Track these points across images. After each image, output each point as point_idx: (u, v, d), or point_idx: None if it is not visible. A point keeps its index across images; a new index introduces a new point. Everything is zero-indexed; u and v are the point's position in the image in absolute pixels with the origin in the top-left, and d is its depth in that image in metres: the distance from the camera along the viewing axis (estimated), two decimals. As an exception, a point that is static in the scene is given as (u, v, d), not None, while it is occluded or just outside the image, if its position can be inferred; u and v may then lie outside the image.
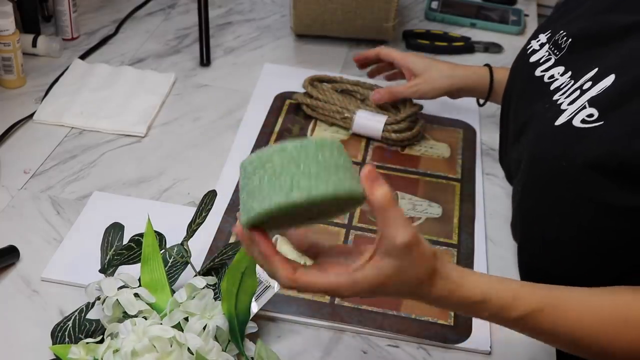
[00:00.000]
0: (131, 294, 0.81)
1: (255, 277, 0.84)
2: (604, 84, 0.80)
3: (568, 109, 0.82)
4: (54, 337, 0.83)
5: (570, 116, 0.81)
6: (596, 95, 0.80)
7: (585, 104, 0.81)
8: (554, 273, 0.86)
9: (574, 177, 0.78)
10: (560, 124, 0.82)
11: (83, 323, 0.84)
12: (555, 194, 0.82)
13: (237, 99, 1.31)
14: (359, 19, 1.41)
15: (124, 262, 0.87)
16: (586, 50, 0.88)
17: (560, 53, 0.91)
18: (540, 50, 0.95)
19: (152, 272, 0.85)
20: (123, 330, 0.78)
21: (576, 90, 0.84)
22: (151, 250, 0.85)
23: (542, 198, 0.85)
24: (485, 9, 1.63)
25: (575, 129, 0.79)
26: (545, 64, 0.93)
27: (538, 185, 0.85)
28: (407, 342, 0.91)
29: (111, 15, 1.51)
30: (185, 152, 1.18)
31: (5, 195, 1.06)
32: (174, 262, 0.89)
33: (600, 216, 0.78)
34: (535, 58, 0.95)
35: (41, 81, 1.30)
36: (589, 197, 0.78)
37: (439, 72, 1.19)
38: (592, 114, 0.79)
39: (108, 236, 0.93)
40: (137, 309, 0.81)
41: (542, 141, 0.84)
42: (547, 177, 0.82)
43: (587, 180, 0.77)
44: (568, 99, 0.84)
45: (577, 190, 0.79)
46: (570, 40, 0.91)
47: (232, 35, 1.48)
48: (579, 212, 0.80)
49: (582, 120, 0.79)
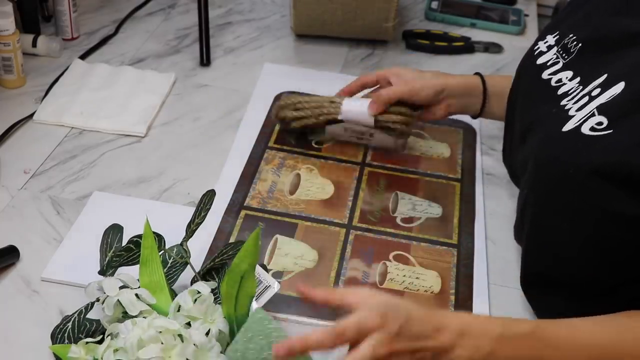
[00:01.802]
0: (132, 294, 0.81)
1: (254, 279, 0.84)
2: (614, 92, 0.79)
3: (576, 115, 0.81)
4: (53, 339, 0.83)
5: (579, 123, 0.80)
6: (605, 103, 0.79)
7: (594, 110, 0.80)
8: (557, 278, 0.86)
9: (581, 184, 0.77)
10: (568, 130, 0.81)
11: (83, 323, 0.84)
12: (561, 200, 0.81)
13: (237, 99, 1.31)
14: (359, 19, 1.41)
15: (122, 263, 0.87)
16: (595, 55, 0.87)
17: (570, 57, 0.90)
18: (548, 52, 0.94)
19: (151, 274, 0.84)
20: (124, 330, 0.78)
21: (585, 96, 0.83)
22: (150, 252, 0.85)
23: (548, 203, 0.84)
24: (485, 9, 1.63)
25: (584, 137, 0.78)
26: (553, 67, 0.92)
27: (544, 191, 0.84)
28: (407, 342, 0.91)
29: (111, 15, 1.51)
30: (185, 152, 1.18)
31: (5, 195, 1.06)
32: (174, 262, 0.89)
33: (607, 223, 0.77)
34: (542, 60, 0.94)
35: (41, 81, 1.30)
36: (596, 205, 0.77)
37: (431, 73, 1.16)
38: (602, 121, 0.78)
39: (107, 238, 0.93)
40: (139, 310, 0.81)
41: (549, 146, 0.83)
42: (553, 183, 0.82)
43: (594, 188, 0.76)
44: (576, 105, 0.83)
45: (584, 197, 0.78)
46: (580, 45, 0.90)
47: (232, 35, 1.48)
48: (586, 219, 0.79)
49: (591, 127, 0.78)
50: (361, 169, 1.16)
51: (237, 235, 1.02)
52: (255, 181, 1.12)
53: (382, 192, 1.12)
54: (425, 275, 1.00)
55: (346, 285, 0.97)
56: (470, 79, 1.16)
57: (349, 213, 1.08)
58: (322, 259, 1.00)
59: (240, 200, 1.08)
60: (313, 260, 1.00)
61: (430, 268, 1.01)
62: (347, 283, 0.97)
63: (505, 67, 1.46)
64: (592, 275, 0.82)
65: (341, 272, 0.98)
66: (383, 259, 1.01)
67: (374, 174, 1.15)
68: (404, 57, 1.47)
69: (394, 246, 1.03)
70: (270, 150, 1.18)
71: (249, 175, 1.13)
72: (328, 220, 1.06)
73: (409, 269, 1.00)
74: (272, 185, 1.11)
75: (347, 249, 1.02)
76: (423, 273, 1.00)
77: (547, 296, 0.89)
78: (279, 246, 1.01)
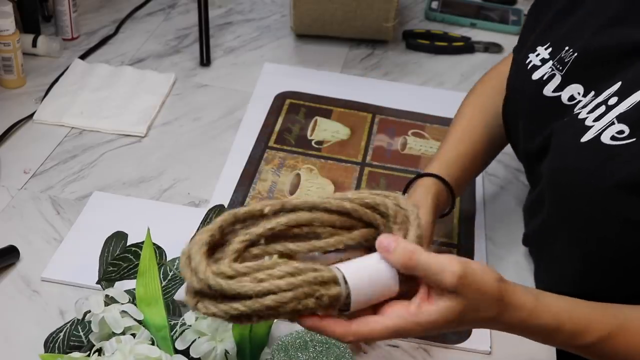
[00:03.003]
0: (117, 312, 0.79)
1: None
2: (634, 100, 0.77)
3: (594, 125, 0.79)
4: (45, 347, 0.82)
5: (598, 132, 0.78)
6: (625, 112, 0.77)
7: (614, 119, 0.77)
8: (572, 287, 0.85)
9: (604, 195, 0.76)
10: (587, 141, 0.78)
11: (72, 334, 0.82)
12: (582, 212, 0.79)
13: (237, 99, 1.31)
14: (359, 19, 1.41)
15: (123, 276, 0.85)
16: (603, 64, 0.84)
17: (565, 68, 0.87)
18: (543, 66, 0.90)
19: (147, 286, 0.82)
20: (108, 348, 0.76)
21: (600, 105, 0.80)
22: (148, 263, 0.82)
23: (566, 215, 0.82)
24: (485, 8, 1.63)
25: (605, 146, 0.76)
26: (552, 83, 0.88)
27: (563, 202, 0.82)
28: (407, 342, 0.91)
29: (111, 15, 1.51)
30: (185, 152, 1.18)
31: (5, 195, 1.06)
32: (174, 276, 0.87)
33: (631, 233, 0.76)
34: (538, 75, 0.90)
35: (41, 81, 1.30)
36: (620, 216, 0.76)
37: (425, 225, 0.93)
38: (623, 130, 0.76)
39: (109, 246, 0.90)
40: (123, 327, 0.78)
41: (566, 158, 0.81)
42: (573, 195, 0.79)
43: (619, 199, 0.75)
44: (592, 115, 0.80)
45: (607, 208, 0.76)
46: (576, 55, 0.86)
47: (232, 35, 1.48)
48: (607, 229, 0.78)
49: (612, 137, 0.76)
50: (361, 169, 1.16)
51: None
52: (255, 181, 1.12)
53: (382, 192, 1.12)
54: (425, 275, 0.99)
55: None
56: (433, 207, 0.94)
57: (349, 213, 1.08)
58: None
59: (240, 200, 1.08)
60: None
61: (430, 268, 1.00)
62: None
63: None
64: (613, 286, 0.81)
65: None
66: (383, 259, 1.01)
67: (374, 174, 1.15)
68: (404, 57, 1.47)
69: (394, 246, 1.03)
70: (270, 150, 1.18)
71: (249, 175, 1.13)
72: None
73: (409, 269, 1.00)
74: (272, 185, 1.11)
75: (347, 249, 1.02)
76: (423, 273, 1.00)
77: None
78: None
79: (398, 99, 1.31)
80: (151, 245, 0.83)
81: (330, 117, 1.27)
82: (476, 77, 1.41)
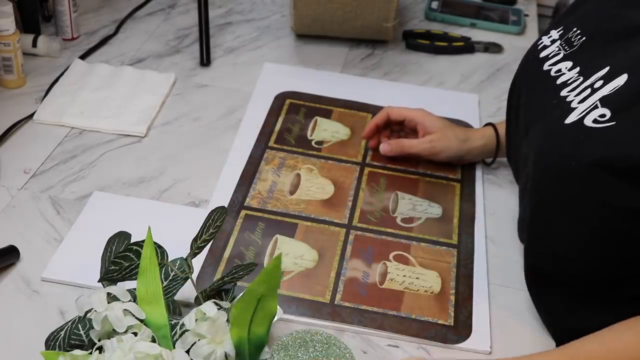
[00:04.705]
0: (120, 310, 0.79)
1: (275, 300, 0.79)
2: (617, 84, 0.79)
3: (578, 107, 0.82)
4: (46, 346, 0.82)
5: (581, 115, 0.80)
6: (608, 95, 0.79)
7: (597, 103, 0.80)
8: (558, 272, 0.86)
9: (583, 176, 0.78)
10: (570, 123, 0.81)
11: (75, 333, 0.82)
12: (563, 193, 0.81)
13: (237, 99, 1.31)
14: (359, 19, 1.41)
15: (125, 276, 0.84)
16: (597, 47, 0.87)
17: (571, 49, 0.90)
18: (551, 46, 0.95)
19: (148, 285, 0.82)
20: (109, 347, 0.76)
21: (587, 88, 0.83)
22: (149, 262, 0.82)
23: (550, 196, 0.84)
24: (485, 9, 1.63)
25: (587, 129, 0.79)
26: (554, 59, 0.92)
27: (545, 183, 0.84)
28: (407, 342, 0.91)
29: (111, 15, 1.51)
30: (185, 152, 1.18)
31: (5, 195, 1.06)
32: (175, 276, 0.87)
33: (609, 216, 0.78)
34: (545, 53, 0.95)
35: (41, 81, 1.30)
36: (597, 197, 0.77)
37: (454, 134, 1.14)
38: (604, 114, 0.78)
39: (111, 245, 0.90)
40: (126, 326, 0.78)
41: (550, 139, 0.83)
42: (555, 175, 0.82)
43: (596, 180, 0.77)
44: (578, 97, 0.83)
45: (585, 189, 0.78)
46: (584, 38, 0.90)
47: (232, 35, 1.48)
48: (588, 212, 0.79)
49: (594, 120, 0.78)
50: (361, 168, 1.16)
51: (237, 236, 1.02)
52: (255, 181, 1.12)
53: (382, 192, 1.12)
54: (425, 275, 1.00)
55: (346, 285, 0.97)
56: (489, 138, 1.15)
57: (349, 213, 1.08)
58: (322, 259, 1.00)
59: (240, 200, 1.08)
60: (313, 260, 1.00)
61: (430, 268, 1.01)
62: (347, 283, 0.97)
63: (506, 67, 1.46)
64: (594, 269, 0.82)
65: (341, 272, 0.98)
66: (383, 259, 1.01)
67: (374, 174, 1.15)
68: (404, 57, 1.47)
69: (394, 246, 1.03)
70: (271, 150, 1.18)
71: (249, 175, 1.13)
72: (328, 220, 1.06)
73: (409, 269, 1.00)
74: (272, 185, 1.11)
75: (347, 249, 1.02)
76: (423, 273, 1.00)
77: (549, 292, 0.89)
78: (279, 246, 1.01)
79: (398, 99, 1.31)
80: (152, 244, 0.83)
81: (330, 117, 1.27)
82: (476, 77, 1.42)
